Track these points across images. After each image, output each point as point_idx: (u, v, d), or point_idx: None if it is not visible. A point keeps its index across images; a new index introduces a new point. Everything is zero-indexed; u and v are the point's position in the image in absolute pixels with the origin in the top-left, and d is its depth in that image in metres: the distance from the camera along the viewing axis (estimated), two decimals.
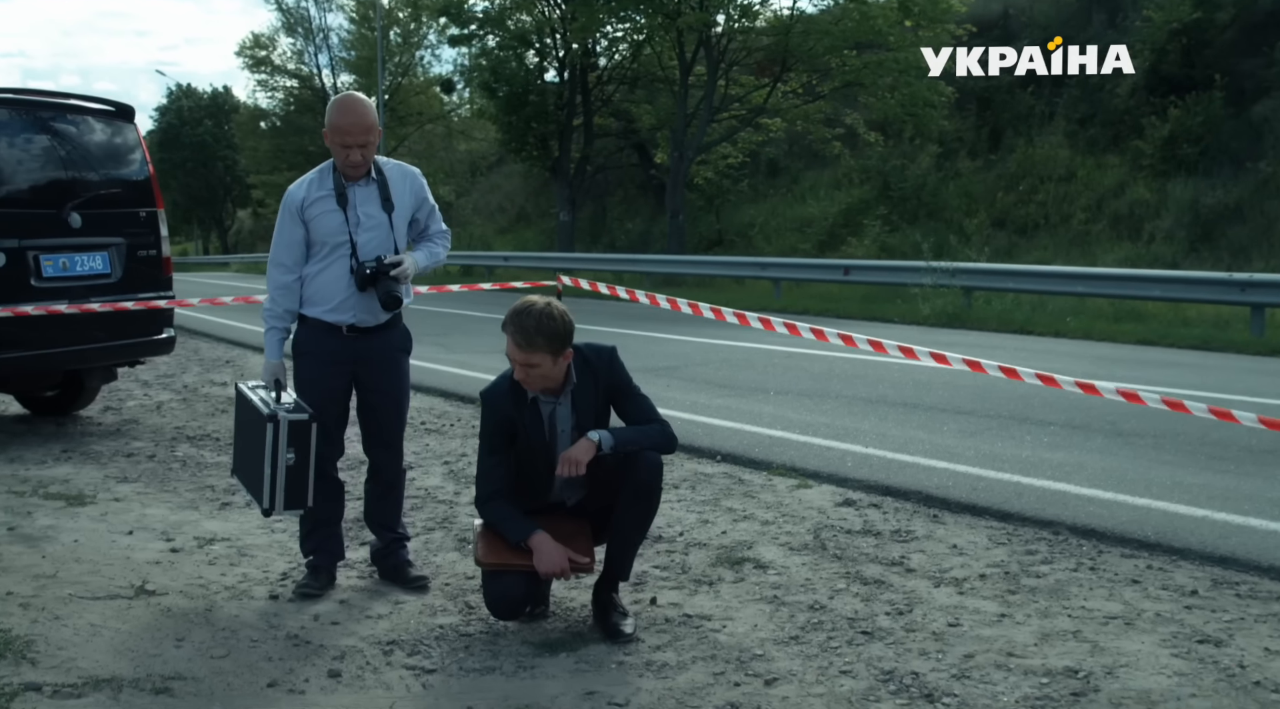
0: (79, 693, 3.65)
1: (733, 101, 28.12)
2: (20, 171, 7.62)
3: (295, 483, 4.52)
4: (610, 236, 33.98)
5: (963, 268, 16.70)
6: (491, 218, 42.99)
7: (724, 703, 3.68)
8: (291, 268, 4.66)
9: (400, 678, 3.91)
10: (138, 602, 4.58)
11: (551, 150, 31.01)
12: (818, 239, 27.01)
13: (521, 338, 4.10)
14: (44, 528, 5.60)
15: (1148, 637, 4.14)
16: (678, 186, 27.35)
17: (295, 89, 47.02)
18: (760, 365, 10.96)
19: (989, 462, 6.74)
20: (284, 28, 45.92)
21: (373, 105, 4.72)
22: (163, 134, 58.16)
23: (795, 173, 31.49)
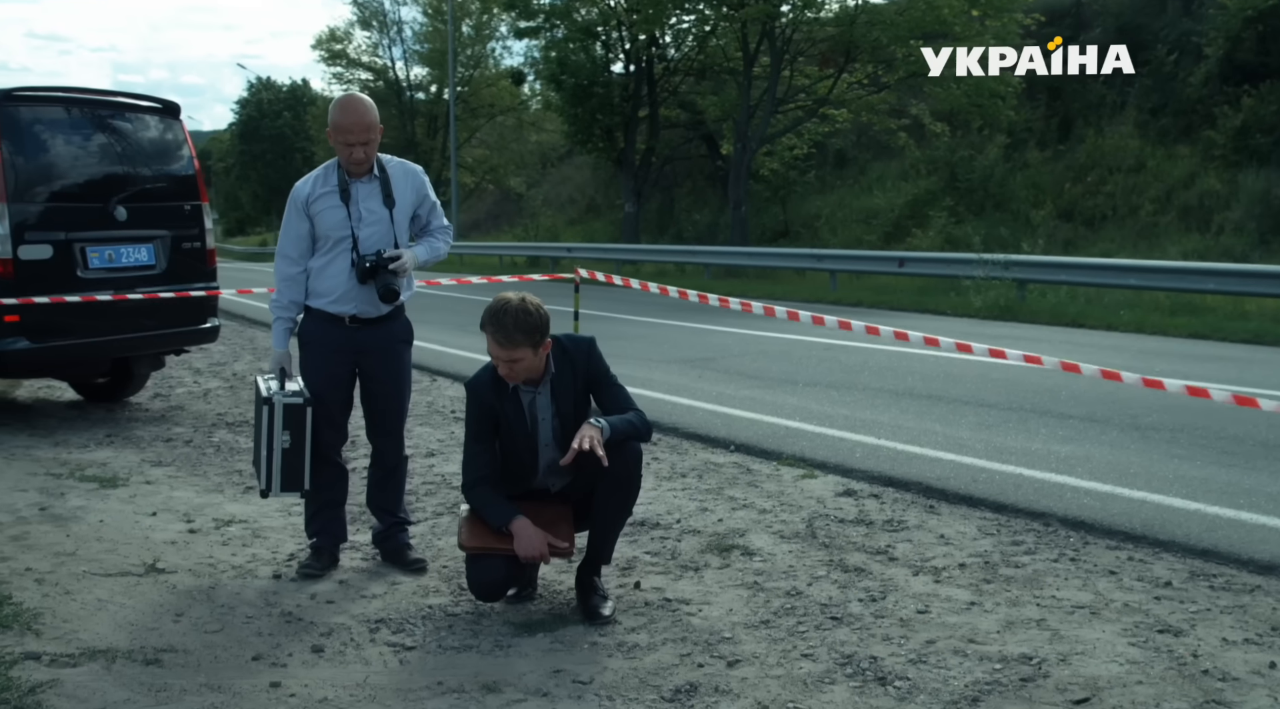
0: (75, 662, 3.88)
1: (797, 92, 28.11)
2: (69, 168, 7.94)
3: (291, 465, 4.74)
4: (677, 227, 34.10)
5: (1016, 260, 16.62)
6: (562, 209, 43.31)
7: (685, 683, 3.82)
8: (297, 260, 4.87)
9: (380, 654, 4.10)
10: (146, 579, 4.82)
11: (617, 142, 31.21)
12: (883, 231, 26.95)
13: (502, 336, 4.26)
14: (74, 508, 5.88)
15: (1110, 626, 4.21)
16: (741, 178, 27.41)
17: (370, 82, 47.66)
18: (796, 357, 11.04)
19: (997, 454, 6.80)
20: (359, 22, 46.57)
21: (373, 105, 4.91)
22: (243, 126, 59.43)
23: (863, 164, 31.40)
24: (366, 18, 46.30)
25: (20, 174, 7.54)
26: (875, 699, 3.67)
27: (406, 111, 46.45)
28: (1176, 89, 23.70)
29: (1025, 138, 26.31)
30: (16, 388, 9.63)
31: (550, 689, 3.78)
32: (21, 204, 7.51)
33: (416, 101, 46.76)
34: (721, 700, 3.69)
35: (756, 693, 3.73)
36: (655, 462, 6.89)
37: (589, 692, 3.76)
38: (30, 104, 7.80)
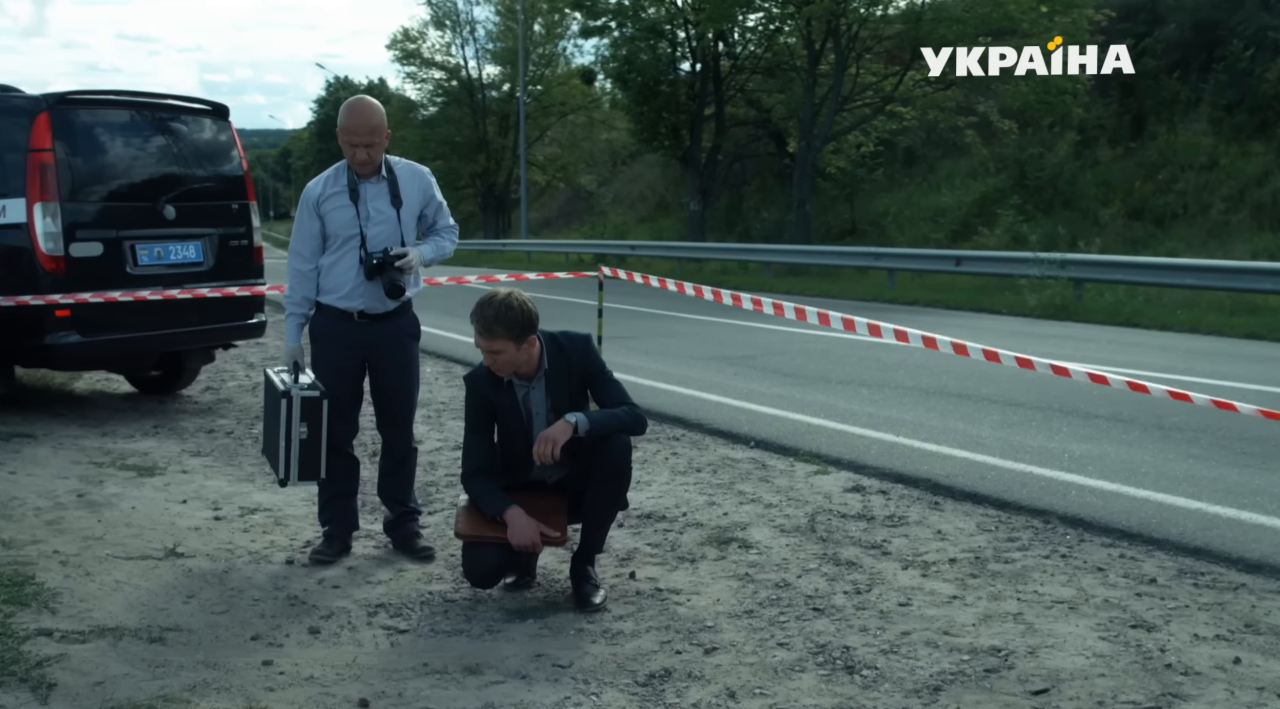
0: (84, 639, 4.11)
1: (863, 90, 28.03)
2: (119, 168, 8.24)
3: (309, 455, 4.96)
4: (745, 225, 34.14)
5: (1072, 259, 16.51)
6: (632, 207, 43.54)
7: (660, 668, 3.96)
8: (309, 258, 5.08)
9: (374, 636, 4.29)
10: (165, 563, 5.06)
11: (683, 140, 31.33)
12: (950, 229, 26.81)
13: (482, 327, 4.44)
14: (110, 495, 6.14)
15: (1086, 621, 4.28)
16: (805, 176, 27.41)
17: (443, 81, 48.22)
18: (836, 355, 11.11)
19: (1011, 452, 6.85)
20: (433, 21, 47.11)
21: (380, 109, 5.09)
22: (320, 125, 60.39)
23: (932, 162, 31.22)
24: (440, 17, 46.86)
25: (72, 175, 7.85)
26: (841, 687, 3.79)
27: (479, 110, 46.90)
28: (1252, 85, 23.29)
29: (1097, 135, 26.01)
30: (75, 380, 9.98)
31: (529, 672, 3.94)
32: (73, 203, 7.81)
33: (488, 100, 47.18)
34: (692, 685, 3.83)
35: (727, 679, 3.85)
36: (674, 457, 7.04)
37: (566, 675, 3.91)
38: (82, 107, 8.11)
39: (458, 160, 46.77)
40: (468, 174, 47.02)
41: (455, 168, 47.00)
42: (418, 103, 49.95)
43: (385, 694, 3.73)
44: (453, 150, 46.80)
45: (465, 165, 46.72)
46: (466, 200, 50.56)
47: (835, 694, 3.73)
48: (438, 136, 47.31)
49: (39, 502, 5.93)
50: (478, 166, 46.19)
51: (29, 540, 5.22)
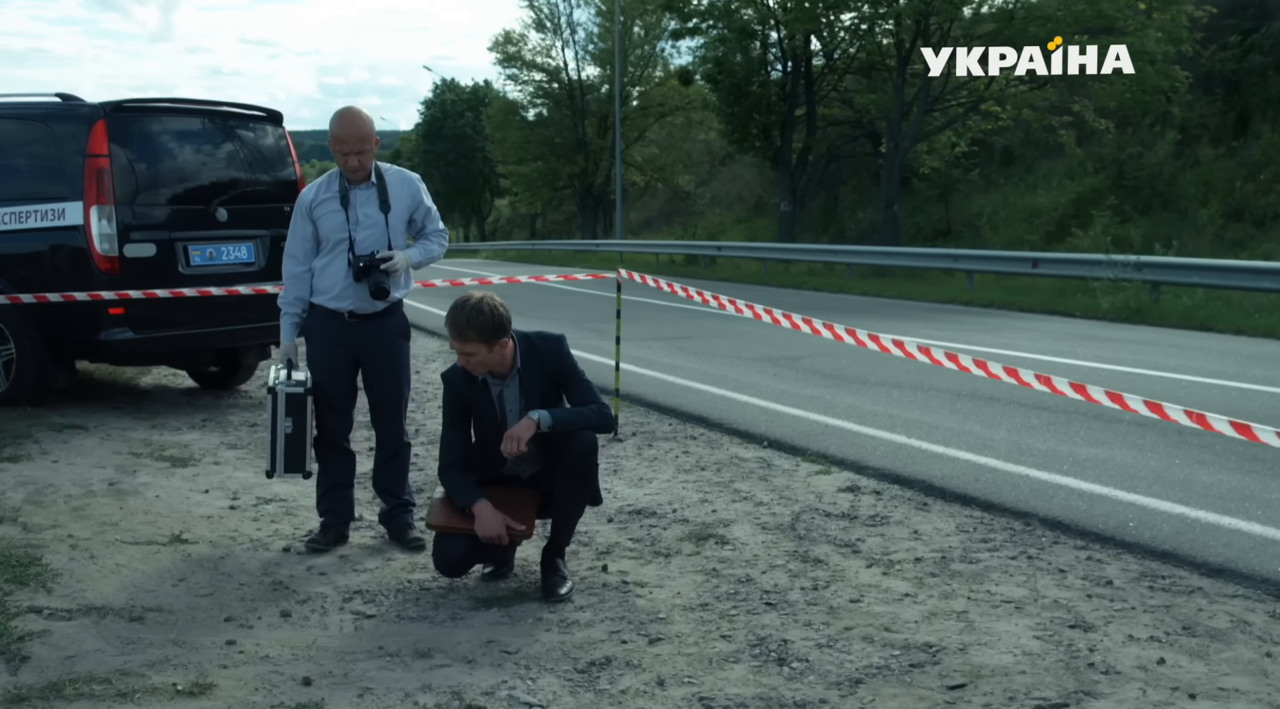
0: (70, 617, 4.40)
1: (957, 89, 27.75)
2: (173, 172, 8.64)
3: (294, 449, 5.24)
4: (839, 226, 34.02)
5: (1148, 261, 16.23)
6: (729, 208, 43.61)
7: (601, 656, 4.13)
8: (302, 260, 5.35)
9: (341, 621, 4.52)
10: (168, 548, 5.35)
11: (774, 141, 31.32)
12: (1045, 230, 26.44)
13: (455, 330, 4.65)
14: (139, 484, 6.48)
15: (1026, 620, 4.36)
16: (893, 176, 27.27)
17: (544, 82, 48.73)
18: (882, 358, 11.07)
19: (1017, 455, 6.89)
20: (534, 23, 47.64)
21: (368, 118, 5.31)
22: (427, 126, 61.41)
23: (1030, 162, 30.80)
24: (541, 19, 47.39)
25: (127, 179, 8.25)
26: (767, 678, 3.92)
27: (578, 111, 47.35)
28: None
29: (1198, 134, 25.43)
30: (143, 375, 10.43)
31: (476, 657, 4.13)
32: (128, 206, 8.22)
33: (588, 101, 47.60)
34: (627, 673, 3.99)
35: (662, 668, 4.01)
36: (685, 455, 7.19)
37: (510, 660, 4.10)
38: (138, 114, 8.51)
39: (557, 161, 47.23)
40: (566, 175, 47.46)
41: (554, 169, 47.48)
42: (519, 103, 50.49)
43: (331, 674, 3.95)
44: (552, 151, 47.26)
45: (564, 166, 47.16)
46: (566, 201, 51.08)
47: (760, 684, 3.86)
48: (537, 138, 47.85)
49: (72, 489, 6.28)
50: (576, 167, 46.60)
51: (49, 525, 5.56)
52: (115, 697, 3.68)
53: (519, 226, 63.18)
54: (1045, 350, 11.55)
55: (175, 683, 3.79)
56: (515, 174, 49.33)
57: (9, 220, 8.39)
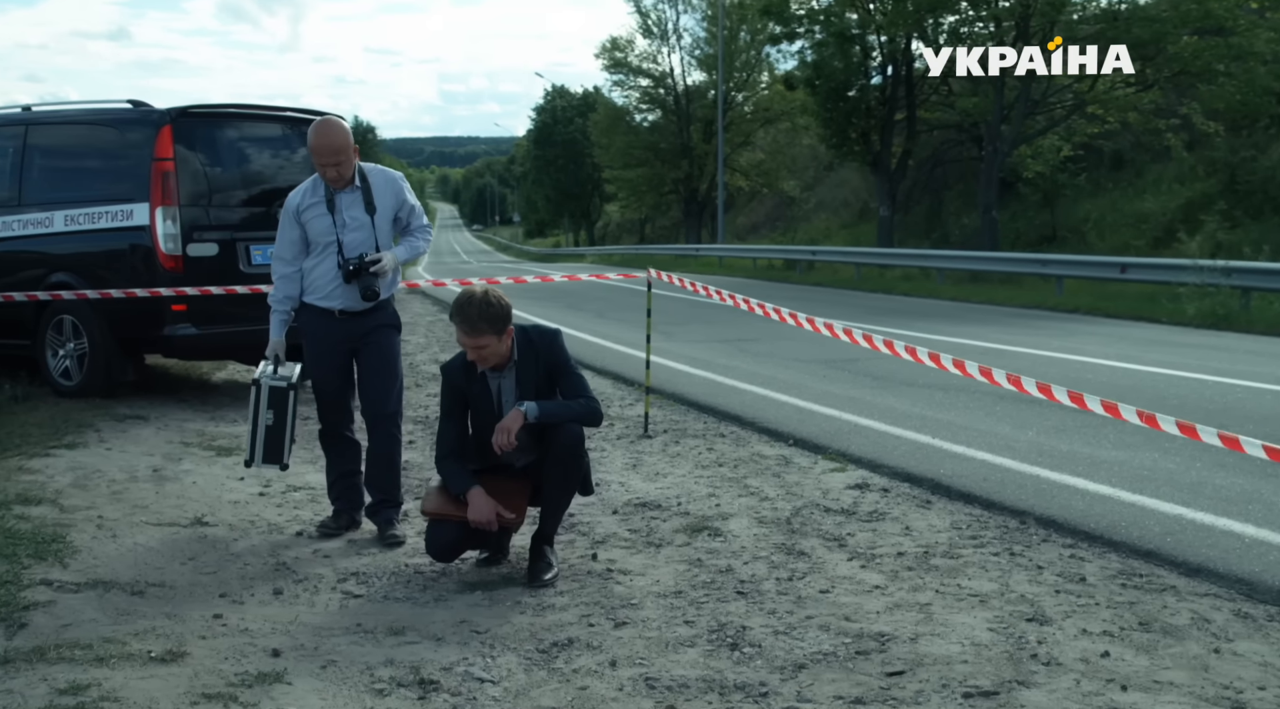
0: (77, 590, 4.69)
1: (1061, 91, 27.32)
2: (236, 175, 9.03)
3: (273, 440, 5.51)
4: (943, 231, 33.67)
5: (1238, 266, 15.86)
6: (835, 213, 43.42)
7: (565, 638, 4.28)
8: (290, 261, 5.59)
9: (328, 600, 4.74)
10: (188, 530, 5.64)
11: (873, 145, 31.15)
12: (1152, 235, 25.89)
13: (467, 326, 4.80)
14: (180, 471, 6.81)
15: (986, 614, 4.41)
16: (991, 181, 26.95)
17: (649, 88, 49.07)
18: None
19: (1035, 456, 6.88)
20: (641, 29, 48.00)
21: (345, 129, 5.50)
22: (537, 132, 62.23)
23: (1139, 166, 30.17)
24: (649, 25, 47.73)
25: (192, 181, 8.65)
26: (717, 661, 4.04)
27: (683, 116, 47.57)
28: None
29: None
30: (219, 370, 10.86)
31: (446, 635, 4.32)
32: (192, 207, 8.61)
33: (693, 106, 47.81)
34: (584, 654, 4.14)
35: (620, 650, 4.15)
36: (708, 452, 7.31)
37: (478, 639, 4.28)
38: (203, 119, 8.91)
39: (661, 166, 47.53)
40: (671, 180, 47.71)
41: (659, 173, 47.78)
42: (625, 109, 50.88)
43: (303, 647, 4.16)
44: (656, 156, 47.58)
45: (669, 171, 47.43)
46: (673, 206, 51.31)
47: (707, 667, 3.98)
48: (642, 143, 48.22)
49: (117, 474, 6.63)
50: (680, 172, 46.82)
51: (85, 506, 5.90)
52: (92, 661, 3.93)
53: (628, 231, 63.63)
54: (1114, 355, 11.41)
55: (150, 650, 4.04)
56: (620, 179, 49.76)
57: (83, 221, 8.84)
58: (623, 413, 8.65)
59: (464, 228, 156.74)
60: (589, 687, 3.85)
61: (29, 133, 9.40)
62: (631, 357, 11.48)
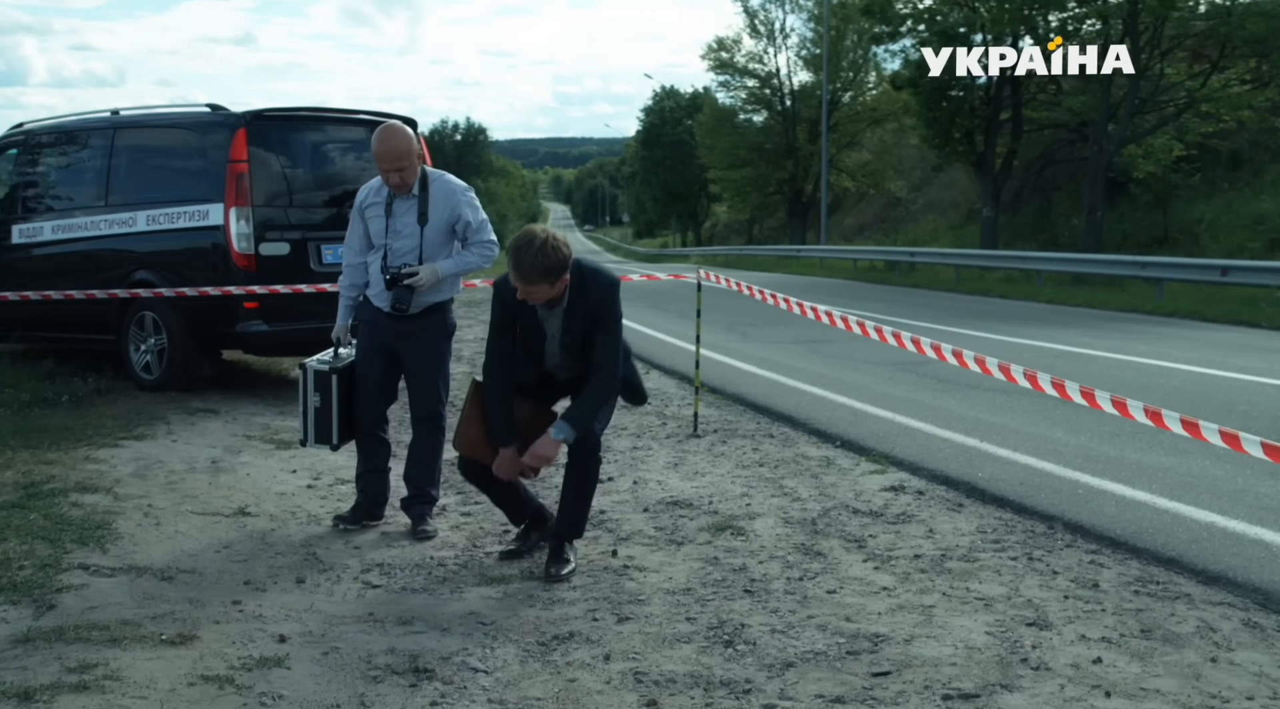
0: (111, 575, 4.90)
1: (1167, 89, 26.68)
2: (308, 176, 9.28)
3: (322, 422, 5.67)
4: (1051, 232, 33.02)
5: None
6: (943, 214, 42.85)
7: (566, 632, 4.37)
8: (358, 252, 5.77)
9: (347, 590, 4.88)
10: (230, 519, 5.84)
11: (976, 145, 30.71)
12: (1269, 237, 25.17)
13: (519, 274, 4.79)
14: (237, 463, 7.03)
15: (987, 617, 4.39)
16: (1096, 181, 26.45)
17: (755, 88, 48.94)
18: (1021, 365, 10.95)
19: (1080, 461, 6.79)
20: (748, 29, 47.91)
21: (408, 135, 5.59)
22: (645, 133, 62.41)
23: (1258, 165, 29.30)
24: (755, 25, 47.63)
25: (265, 182, 8.92)
26: (709, 658, 4.09)
27: (789, 117, 47.39)
28: None
29: None
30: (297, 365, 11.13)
31: (452, 626, 4.43)
32: (264, 208, 8.87)
33: (799, 107, 47.61)
34: (581, 647, 4.22)
35: (617, 644, 4.22)
36: (754, 452, 7.34)
37: (481, 631, 4.38)
38: (277, 122, 9.18)
39: (766, 167, 47.40)
40: (776, 180, 47.55)
41: (764, 174, 47.66)
42: (732, 109, 50.80)
43: (310, 634, 4.30)
44: (761, 157, 47.46)
45: (774, 172, 47.28)
46: (779, 207, 51.12)
47: (698, 663, 4.04)
48: (747, 143, 48.11)
49: (176, 465, 6.87)
50: (785, 173, 46.65)
51: (138, 495, 6.13)
52: (106, 642, 4.12)
53: (736, 232, 63.55)
54: (1197, 361, 11.15)
55: (163, 633, 4.21)
56: (725, 180, 49.73)
57: (163, 220, 9.17)
58: (678, 412, 8.70)
59: (575, 228, 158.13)
60: (578, 679, 3.93)
61: (116, 136, 9.77)
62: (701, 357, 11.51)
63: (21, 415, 8.11)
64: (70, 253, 9.77)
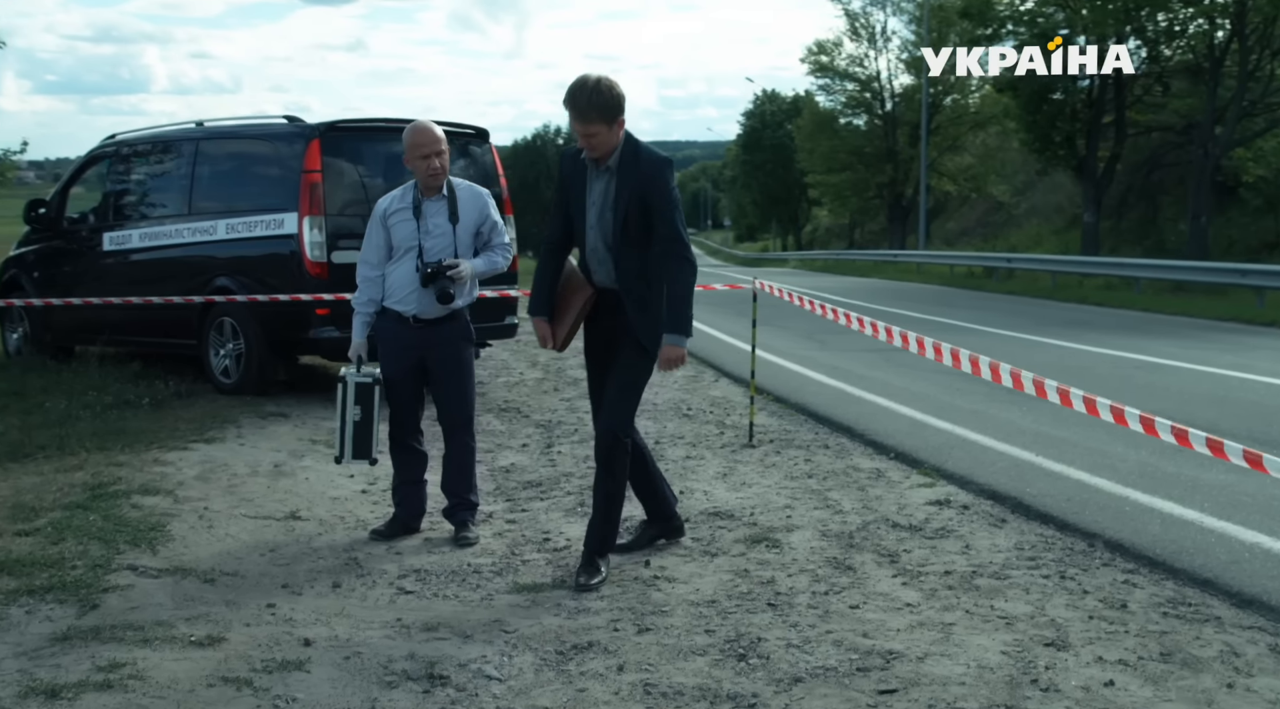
0: (157, 576, 5.07)
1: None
2: (381, 186, 9.42)
3: (361, 436, 5.77)
4: (1159, 237, 32.25)
5: None
6: (1048, 219, 42.07)
7: (585, 641, 4.42)
8: (376, 265, 5.87)
9: (380, 595, 4.99)
10: (280, 523, 6.00)
11: (1078, 149, 30.13)
12: None
13: (577, 113, 4.93)
14: (298, 467, 7.21)
15: (1006, 636, 4.36)
16: (1202, 186, 25.79)
17: (855, 92, 48.53)
18: (1091, 374, 10.80)
19: (1134, 477, 6.66)
20: (849, 33, 47.54)
21: (438, 128, 5.79)
22: (746, 137, 62.24)
23: None
24: (856, 28, 47.26)
25: (338, 192, 9.14)
26: (720, 671, 4.12)
27: (889, 121, 46.97)
28: None
29: None
30: None
31: (475, 634, 4.51)
32: (338, 217, 9.09)
33: (900, 110, 47.15)
34: (598, 657, 4.27)
35: (633, 655, 4.27)
36: (806, 462, 7.33)
37: (502, 639, 4.46)
38: (351, 133, 9.40)
39: (865, 170, 47.00)
40: (875, 184, 47.13)
41: (863, 178, 47.27)
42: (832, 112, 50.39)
43: (335, 638, 4.42)
44: (860, 160, 47.07)
45: (873, 175, 46.87)
46: (877, 211, 50.65)
47: (708, 676, 4.07)
48: (846, 146, 47.75)
49: (240, 468, 7.08)
50: (885, 177, 46.21)
51: (197, 498, 6.33)
52: (138, 642, 4.28)
53: (837, 236, 63.10)
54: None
55: (192, 635, 4.35)
56: (823, 184, 49.43)
57: (241, 229, 9.45)
58: (739, 421, 8.70)
59: None
60: (588, 689, 3.99)
61: (199, 147, 10.08)
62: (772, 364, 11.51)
63: (102, 418, 8.41)
64: (156, 260, 10.10)
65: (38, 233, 11.49)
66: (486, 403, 9.84)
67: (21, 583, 4.85)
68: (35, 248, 11.52)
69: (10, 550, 5.28)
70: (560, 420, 9.00)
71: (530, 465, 7.51)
